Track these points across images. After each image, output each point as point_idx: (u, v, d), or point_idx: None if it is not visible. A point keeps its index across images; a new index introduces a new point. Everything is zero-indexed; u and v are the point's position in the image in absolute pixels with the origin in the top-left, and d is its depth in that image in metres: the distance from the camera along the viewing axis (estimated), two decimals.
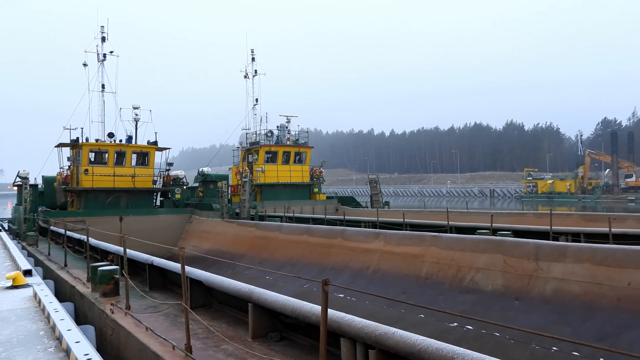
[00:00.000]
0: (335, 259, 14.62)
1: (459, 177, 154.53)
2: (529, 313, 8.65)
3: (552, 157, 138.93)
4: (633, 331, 7.06)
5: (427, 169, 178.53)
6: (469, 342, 8.12)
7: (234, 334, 7.08)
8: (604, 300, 7.76)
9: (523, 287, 9.13)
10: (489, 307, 9.35)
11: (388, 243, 13.11)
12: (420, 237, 12.36)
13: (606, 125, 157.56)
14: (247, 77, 34.82)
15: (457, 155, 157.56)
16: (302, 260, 15.99)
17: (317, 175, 35.21)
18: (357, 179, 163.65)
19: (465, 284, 10.31)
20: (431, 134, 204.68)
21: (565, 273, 8.59)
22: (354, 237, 14.58)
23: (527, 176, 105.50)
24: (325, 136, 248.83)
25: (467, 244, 10.88)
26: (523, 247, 9.62)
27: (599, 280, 8.01)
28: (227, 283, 7.66)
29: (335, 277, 13.44)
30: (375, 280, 12.65)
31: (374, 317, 8.32)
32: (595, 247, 8.67)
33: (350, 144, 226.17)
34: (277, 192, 32.53)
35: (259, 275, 15.43)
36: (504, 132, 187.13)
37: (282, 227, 19.05)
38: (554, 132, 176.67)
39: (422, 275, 11.46)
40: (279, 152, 33.23)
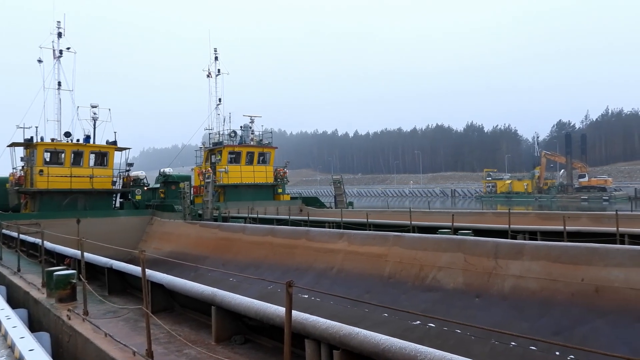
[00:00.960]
0: (299, 259, 14.60)
1: (421, 177, 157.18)
2: (488, 310, 8.87)
3: (511, 158, 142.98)
4: (586, 325, 7.34)
5: (390, 170, 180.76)
6: (431, 339, 8.25)
7: (197, 338, 6.97)
8: (559, 296, 8.04)
9: (483, 285, 9.35)
10: (451, 305, 9.53)
11: (352, 243, 13.19)
12: (383, 237, 12.48)
13: (561, 127, 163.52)
14: (210, 76, 34.37)
15: (419, 156, 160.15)
16: (266, 262, 15.90)
17: (281, 175, 35.08)
18: (321, 180, 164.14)
19: (428, 282, 10.48)
20: (394, 135, 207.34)
21: (522, 270, 8.85)
22: (318, 237, 14.60)
23: (486, 176, 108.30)
24: (289, 137, 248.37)
25: (429, 244, 11.07)
26: (483, 246, 9.85)
27: (554, 276, 8.29)
28: (189, 286, 7.53)
29: (300, 278, 13.42)
30: (340, 280, 12.70)
31: (338, 317, 8.36)
32: (550, 245, 8.96)
33: (314, 145, 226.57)
34: (240, 193, 32.24)
35: (223, 277, 15.25)
36: (464, 133, 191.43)
37: (245, 228, 18.89)
38: (512, 134, 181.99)
39: (385, 275, 11.58)
40: (243, 153, 32.94)
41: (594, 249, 8.14)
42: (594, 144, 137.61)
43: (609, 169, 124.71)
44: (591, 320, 7.34)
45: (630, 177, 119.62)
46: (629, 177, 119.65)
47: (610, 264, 7.68)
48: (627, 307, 7.11)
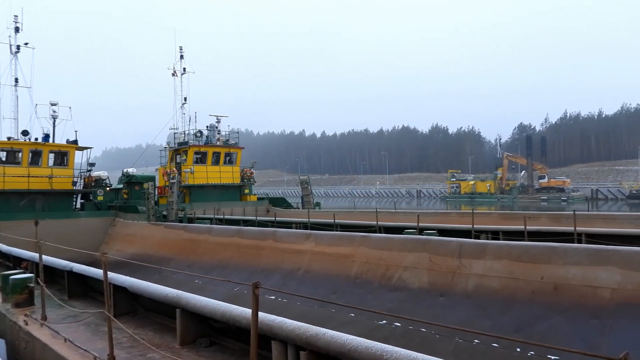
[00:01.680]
0: (266, 260, 14.52)
1: (387, 178, 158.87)
2: (452, 308, 9.03)
3: (474, 159, 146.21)
4: (546, 322, 7.56)
5: (357, 170, 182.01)
6: (397, 338, 8.34)
7: (161, 342, 6.84)
8: (520, 294, 8.25)
9: (447, 284, 9.52)
10: (416, 304, 9.67)
11: (319, 244, 13.21)
12: (350, 238, 12.55)
13: (522, 130, 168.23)
14: (175, 75, 33.81)
15: (386, 157, 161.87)
16: (232, 263, 15.75)
17: (247, 176, 34.81)
18: (289, 180, 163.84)
19: (394, 282, 10.59)
20: (361, 136, 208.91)
21: (485, 269, 9.05)
22: (285, 238, 14.56)
23: (451, 177, 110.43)
24: (256, 137, 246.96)
25: (395, 244, 11.19)
26: (447, 246, 10.03)
27: (515, 275, 8.51)
28: (153, 288, 7.38)
29: (267, 279, 13.36)
30: (307, 281, 12.70)
31: (305, 318, 8.35)
32: (512, 245, 9.20)
33: (281, 145, 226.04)
34: (206, 193, 31.84)
35: (188, 279, 15.02)
36: (429, 135, 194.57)
37: (211, 229, 18.67)
38: (475, 135, 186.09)
39: (352, 275, 11.64)
40: (209, 153, 32.54)
41: (553, 248, 8.40)
42: (553, 146, 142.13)
43: (567, 171, 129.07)
44: (550, 317, 7.57)
45: (587, 178, 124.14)
46: (585, 178, 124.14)
47: (568, 263, 7.94)
48: (583, 304, 7.37)
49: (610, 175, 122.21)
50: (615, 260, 7.39)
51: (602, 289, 7.28)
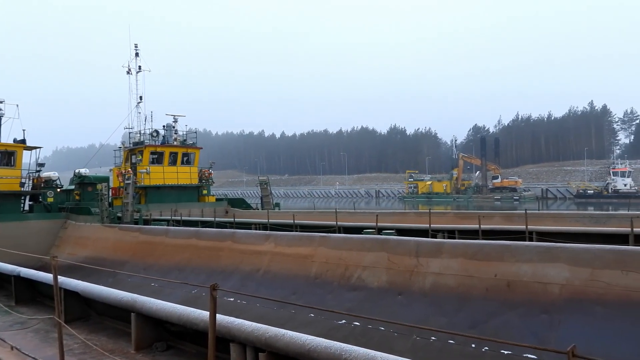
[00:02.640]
0: (225, 262, 14.35)
1: (346, 178, 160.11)
2: (410, 306, 9.18)
3: (431, 160, 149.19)
4: (499, 318, 7.80)
5: (316, 171, 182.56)
6: (356, 338, 8.41)
7: (115, 347, 6.63)
8: (474, 292, 8.48)
9: (405, 283, 9.67)
10: (375, 303, 9.77)
11: (278, 244, 13.16)
12: (309, 238, 12.56)
13: (477, 131, 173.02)
14: (130, 73, 32.94)
15: (345, 157, 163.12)
16: (190, 265, 15.48)
17: (206, 176, 34.30)
18: (248, 181, 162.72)
19: (353, 282, 10.67)
20: (320, 136, 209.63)
21: (442, 268, 9.25)
22: (244, 239, 14.43)
23: (408, 178, 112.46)
24: (215, 137, 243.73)
25: (354, 244, 11.28)
26: (405, 245, 10.19)
27: (470, 273, 8.73)
28: (106, 292, 7.16)
29: (225, 281, 13.19)
30: (266, 281, 12.63)
31: (264, 319, 8.29)
32: (467, 243, 9.44)
33: (240, 145, 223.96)
34: (163, 194, 31.16)
35: (144, 282, 14.66)
36: (388, 136, 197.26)
37: (168, 230, 18.28)
38: (432, 137, 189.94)
39: (311, 275, 11.66)
40: (166, 153, 31.85)
41: (506, 246, 8.67)
42: (506, 148, 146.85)
43: (519, 171, 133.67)
44: (503, 313, 7.80)
45: (538, 178, 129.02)
46: (536, 178, 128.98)
47: (520, 260, 8.21)
48: (534, 300, 7.64)
49: (559, 175, 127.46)
50: (563, 257, 7.69)
51: (552, 285, 7.57)
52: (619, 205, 67.79)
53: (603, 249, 7.35)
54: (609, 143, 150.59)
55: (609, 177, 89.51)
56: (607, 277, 6.92)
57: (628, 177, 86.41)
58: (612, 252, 7.20)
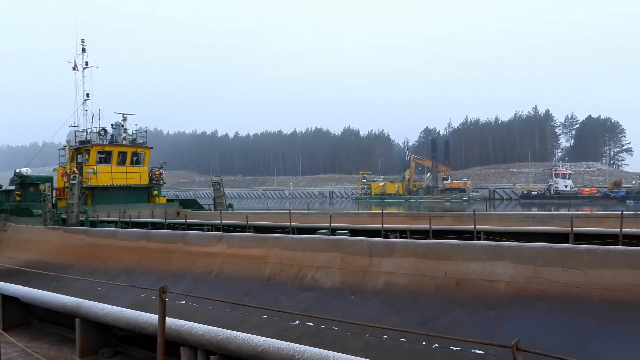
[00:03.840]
0: (176, 264, 14.03)
1: (301, 179, 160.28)
2: (363, 306, 9.27)
3: (384, 161, 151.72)
4: (448, 315, 8.00)
5: (270, 172, 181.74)
6: (309, 338, 8.41)
7: (58, 354, 6.36)
8: (425, 290, 8.66)
9: (358, 282, 9.76)
10: (328, 303, 9.81)
11: (231, 246, 13.00)
12: (263, 239, 12.48)
13: (428, 134, 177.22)
14: (76, 69, 31.69)
15: (299, 158, 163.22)
16: (139, 268, 15.03)
17: (156, 177, 33.46)
18: (200, 181, 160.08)
19: (306, 282, 10.67)
20: (275, 137, 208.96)
21: (394, 267, 9.40)
22: (196, 241, 14.16)
23: (362, 179, 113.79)
24: (166, 136, 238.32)
25: (308, 244, 11.29)
26: (358, 245, 10.29)
27: (421, 272, 8.91)
28: (49, 297, 6.84)
29: (176, 284, 12.90)
30: (219, 283, 12.43)
31: (217, 322, 8.15)
32: (418, 243, 9.64)
33: (193, 145, 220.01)
34: (111, 195, 30.15)
35: (90, 286, 14.12)
36: (342, 137, 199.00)
37: (116, 232, 17.69)
38: (385, 139, 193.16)
39: (265, 277, 11.57)
40: (114, 152, 30.84)
41: (455, 245, 8.91)
42: (455, 150, 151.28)
43: (468, 173, 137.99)
44: (453, 311, 8.01)
45: (485, 179, 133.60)
46: (484, 179, 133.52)
47: (468, 259, 8.45)
48: (482, 297, 7.88)
49: (505, 177, 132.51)
50: (509, 255, 7.98)
51: (498, 282, 7.83)
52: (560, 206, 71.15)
53: (545, 248, 7.68)
54: (551, 146, 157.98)
55: (551, 179, 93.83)
56: (549, 274, 7.23)
57: (568, 179, 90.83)
58: (553, 250, 7.53)
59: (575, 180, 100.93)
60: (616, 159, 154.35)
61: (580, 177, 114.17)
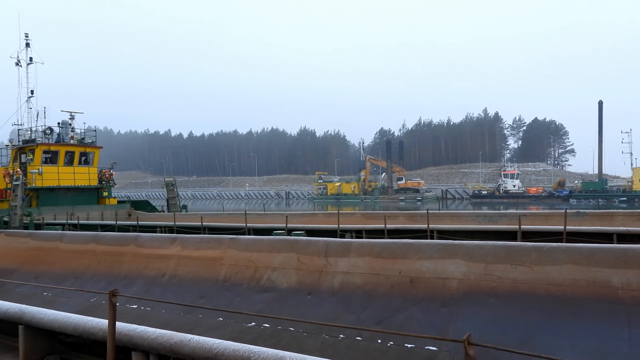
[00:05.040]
0: (127, 267, 13.63)
1: (257, 179, 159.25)
2: (319, 306, 9.30)
3: (340, 161, 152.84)
4: (403, 313, 8.14)
5: (226, 172, 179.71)
6: (266, 339, 8.36)
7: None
8: (380, 289, 8.78)
9: (314, 282, 9.78)
10: (285, 304, 9.78)
11: (185, 247, 12.76)
12: (218, 240, 12.32)
13: (383, 134, 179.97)
14: (19, 64, 30.28)
15: (255, 158, 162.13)
16: (88, 272, 14.51)
17: (106, 177, 32.41)
18: (153, 182, 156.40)
19: (263, 283, 10.61)
20: (230, 137, 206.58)
21: (349, 266, 9.47)
22: (148, 243, 13.80)
23: (318, 179, 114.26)
24: (117, 136, 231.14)
25: (264, 245, 11.22)
26: (314, 245, 10.31)
27: (376, 271, 9.03)
28: None
29: (128, 287, 12.55)
30: (173, 286, 12.18)
31: (170, 325, 7.99)
32: (373, 242, 9.76)
33: (145, 145, 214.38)
34: (58, 197, 28.96)
35: (35, 291, 13.51)
36: (298, 137, 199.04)
37: (63, 235, 17.00)
38: (341, 139, 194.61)
39: (220, 278, 11.43)
40: (61, 152, 29.62)
41: (409, 244, 9.07)
42: (409, 150, 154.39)
43: (422, 173, 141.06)
44: (407, 308, 8.16)
45: (438, 179, 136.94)
46: (437, 179, 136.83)
47: (422, 257, 8.63)
48: (435, 295, 8.06)
49: (457, 177, 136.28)
50: (460, 253, 8.20)
51: (451, 279, 8.04)
52: (509, 205, 73.78)
53: (495, 245, 7.94)
54: (500, 147, 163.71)
55: (500, 179, 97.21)
56: (499, 271, 7.48)
57: (516, 179, 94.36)
58: (502, 247, 7.80)
59: (523, 180, 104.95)
60: (560, 159, 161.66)
61: (527, 177, 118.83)
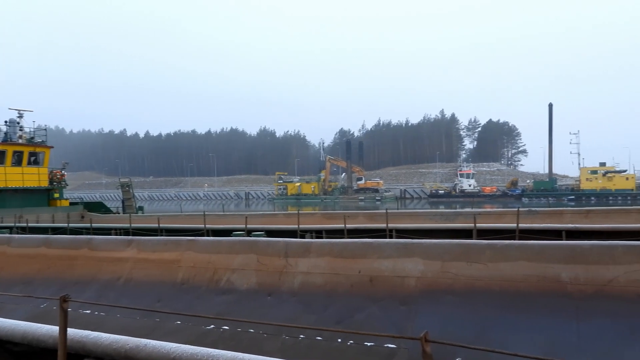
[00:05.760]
0: (80, 271, 13.17)
1: (216, 180, 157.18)
2: (280, 307, 9.26)
3: (300, 162, 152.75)
4: (363, 312, 8.21)
5: (184, 173, 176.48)
6: (225, 342, 8.26)
7: None
8: (340, 288, 8.83)
9: (275, 283, 9.73)
10: (245, 305, 9.69)
11: (142, 250, 12.44)
12: (176, 242, 12.08)
13: (343, 135, 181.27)
14: None
15: (214, 158, 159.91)
16: (39, 277, 13.92)
17: (57, 178, 31.27)
18: (108, 183, 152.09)
19: (222, 285, 10.47)
20: (188, 136, 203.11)
21: (310, 267, 9.48)
22: (102, 246, 13.38)
23: (278, 179, 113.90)
24: (69, 135, 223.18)
25: (223, 246, 11.09)
26: (274, 246, 10.26)
27: (337, 270, 9.07)
28: None
29: (81, 292, 12.13)
30: (128, 290, 11.86)
31: (126, 330, 7.76)
32: (333, 242, 9.80)
33: (99, 145, 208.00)
34: (5, 198, 27.72)
35: None
36: (258, 138, 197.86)
37: (11, 239, 16.25)
38: (301, 139, 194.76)
39: (178, 281, 11.21)
40: (8, 152, 28.37)
41: (369, 244, 9.16)
42: (369, 151, 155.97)
43: (381, 173, 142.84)
44: (367, 307, 8.23)
45: (397, 179, 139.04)
46: (396, 179, 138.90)
47: (381, 256, 8.73)
48: (394, 293, 8.17)
49: (415, 177, 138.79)
50: (418, 252, 8.35)
51: (409, 278, 8.16)
52: (465, 204, 75.68)
53: (451, 243, 8.12)
54: (457, 148, 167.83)
55: (457, 179, 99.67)
56: (455, 269, 7.66)
57: (472, 179, 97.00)
58: (458, 245, 7.99)
59: (478, 179, 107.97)
60: (513, 160, 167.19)
61: (482, 177, 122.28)
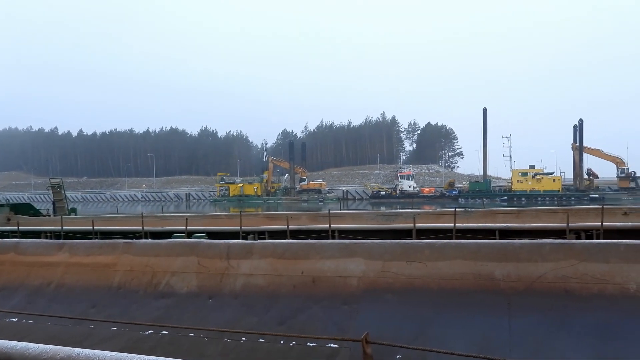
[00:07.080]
0: (6, 277, 12.39)
1: (154, 181, 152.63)
2: (221, 309, 9.12)
3: (242, 162, 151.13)
4: (305, 312, 8.24)
5: (120, 173, 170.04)
6: (164, 347, 8.04)
7: None
8: (283, 289, 8.81)
9: (216, 286, 9.58)
10: (185, 309, 9.47)
11: (74, 254, 11.88)
12: (112, 245, 11.63)
13: (285, 136, 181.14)
14: None
15: (152, 159, 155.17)
16: None
17: None
18: (37, 184, 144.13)
19: (161, 289, 10.19)
20: (125, 136, 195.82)
21: (252, 268, 9.41)
22: (31, 250, 12.66)
23: (220, 180, 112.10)
24: None
25: (162, 249, 10.80)
26: (216, 248, 10.10)
27: (279, 272, 9.05)
28: None
29: (7, 299, 11.42)
30: (60, 296, 11.28)
31: (57, 339, 7.41)
32: (276, 243, 9.77)
33: (27, 144, 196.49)
34: None
35: None
36: (199, 138, 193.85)
37: None
38: (243, 139, 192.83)
39: (114, 285, 10.79)
40: None
41: (311, 244, 9.20)
42: (312, 152, 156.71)
43: (324, 174, 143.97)
44: (309, 308, 8.27)
45: (340, 180, 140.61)
46: (338, 180, 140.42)
47: (324, 257, 8.80)
48: (337, 293, 8.26)
49: (358, 178, 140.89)
50: (360, 252, 8.48)
51: (351, 278, 8.28)
52: (405, 204, 77.66)
53: (392, 243, 8.31)
54: (397, 150, 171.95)
55: (397, 180, 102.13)
56: (395, 268, 7.85)
57: (412, 180, 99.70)
58: (398, 245, 8.19)
59: (417, 181, 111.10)
60: (450, 162, 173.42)
61: (421, 178, 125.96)
